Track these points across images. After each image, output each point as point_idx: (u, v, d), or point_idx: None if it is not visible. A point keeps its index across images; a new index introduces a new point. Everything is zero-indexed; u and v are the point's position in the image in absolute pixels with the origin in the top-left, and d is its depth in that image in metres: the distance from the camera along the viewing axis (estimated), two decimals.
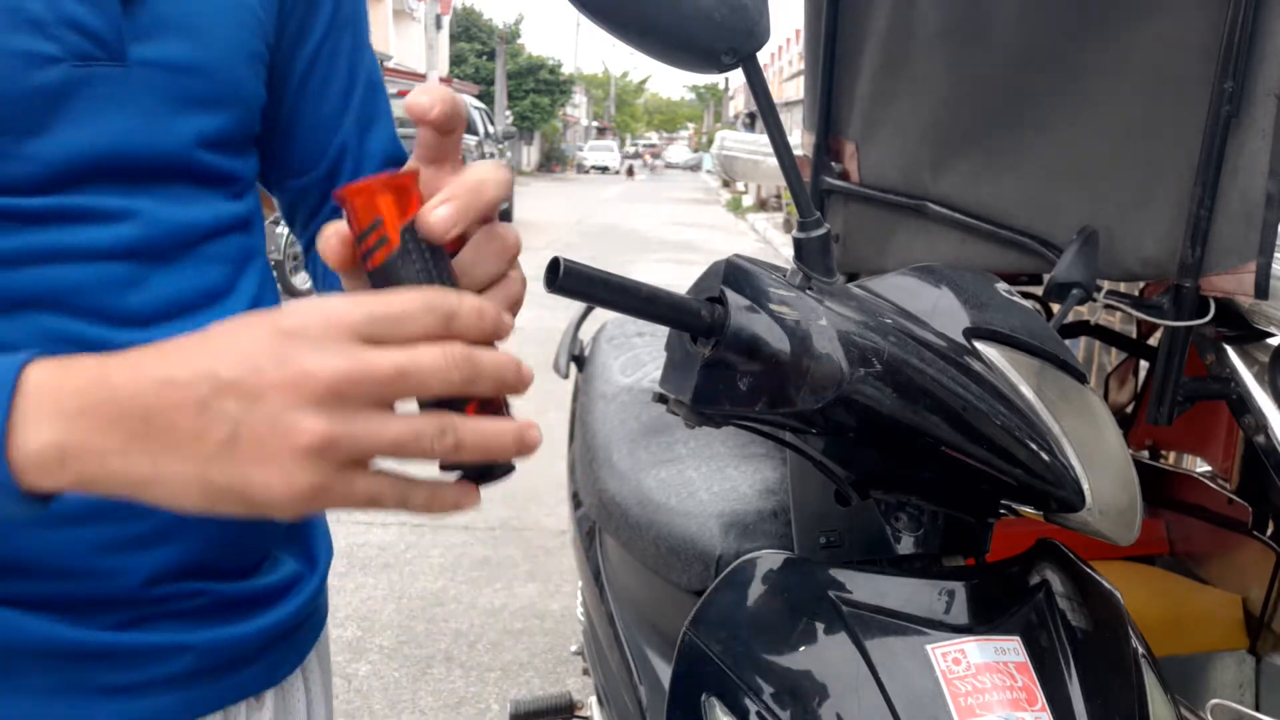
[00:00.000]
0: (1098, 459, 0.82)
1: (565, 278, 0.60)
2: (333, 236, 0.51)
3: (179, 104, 0.63)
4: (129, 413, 0.45)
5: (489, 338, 0.50)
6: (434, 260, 0.52)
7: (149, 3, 0.61)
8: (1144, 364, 1.86)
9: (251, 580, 0.71)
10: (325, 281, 0.85)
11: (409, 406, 0.50)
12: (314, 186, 0.82)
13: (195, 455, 0.45)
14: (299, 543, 0.78)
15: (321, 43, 0.77)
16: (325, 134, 0.80)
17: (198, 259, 0.66)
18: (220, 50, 0.65)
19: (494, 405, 0.52)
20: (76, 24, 0.58)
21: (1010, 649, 0.77)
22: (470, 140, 13.25)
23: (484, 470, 0.52)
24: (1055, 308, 1.65)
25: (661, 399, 0.81)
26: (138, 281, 0.62)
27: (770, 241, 14.20)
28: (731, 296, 0.73)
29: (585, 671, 2.01)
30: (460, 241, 0.55)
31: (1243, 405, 1.34)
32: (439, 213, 0.51)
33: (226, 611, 0.69)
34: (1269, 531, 1.54)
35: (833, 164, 1.66)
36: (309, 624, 0.78)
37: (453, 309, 0.48)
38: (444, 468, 0.52)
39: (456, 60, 34.05)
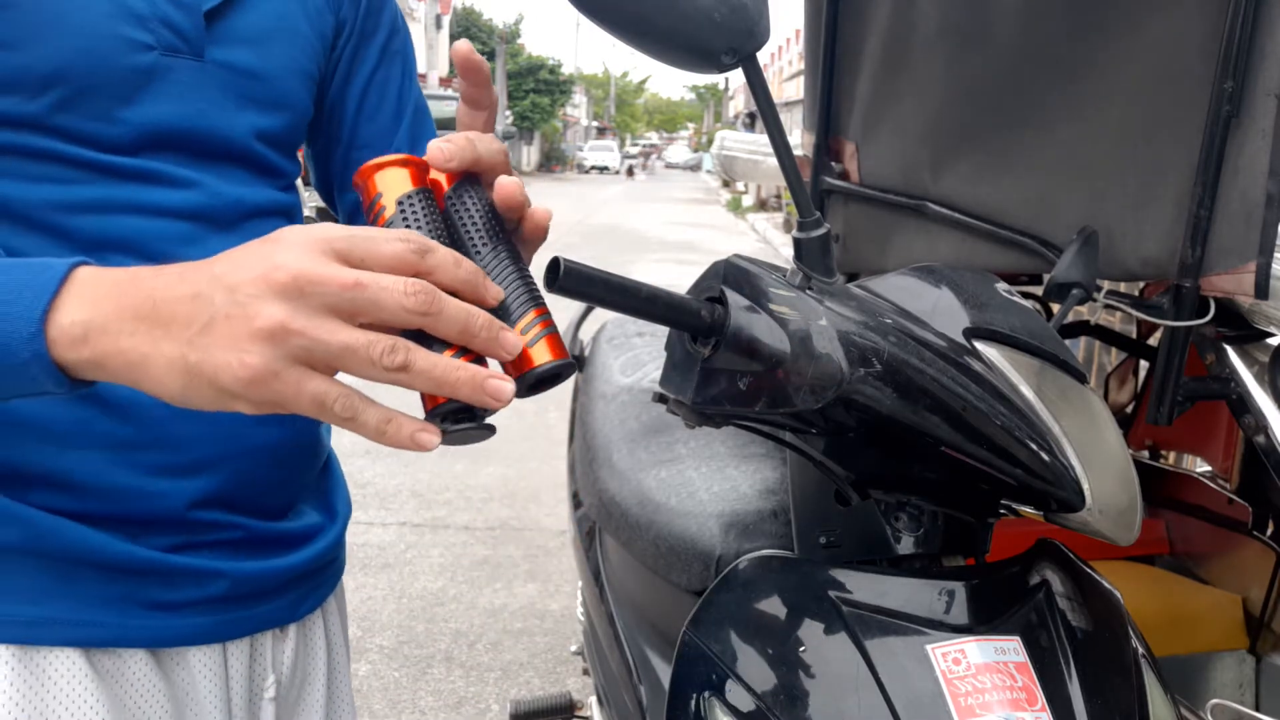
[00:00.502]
0: (1098, 459, 0.82)
1: (565, 278, 0.60)
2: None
3: (242, 100, 0.76)
4: (145, 299, 0.52)
5: (466, 287, 0.54)
6: (437, 235, 0.56)
7: (226, 16, 0.74)
8: (1144, 364, 1.86)
9: (279, 523, 0.81)
10: None
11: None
12: None
13: (182, 337, 0.51)
14: (321, 497, 0.88)
15: (375, 71, 0.90)
16: (379, 149, 0.90)
17: (248, 232, 0.73)
18: (279, 64, 0.78)
19: (476, 359, 0.54)
20: (168, 22, 0.71)
21: (1010, 649, 0.77)
22: None
23: (458, 412, 0.54)
24: (1055, 308, 1.65)
25: (661, 399, 0.81)
26: (197, 240, 0.72)
27: (770, 241, 14.20)
28: (731, 296, 0.73)
29: (585, 671, 2.01)
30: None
31: (1243, 405, 1.34)
32: (436, 144, 0.59)
33: (257, 547, 0.79)
34: (1269, 531, 1.54)
35: (833, 164, 1.66)
36: (329, 570, 0.88)
37: (429, 245, 0.53)
38: (427, 415, 0.55)
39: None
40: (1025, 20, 1.31)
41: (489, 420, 0.56)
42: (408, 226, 0.56)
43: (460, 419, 0.54)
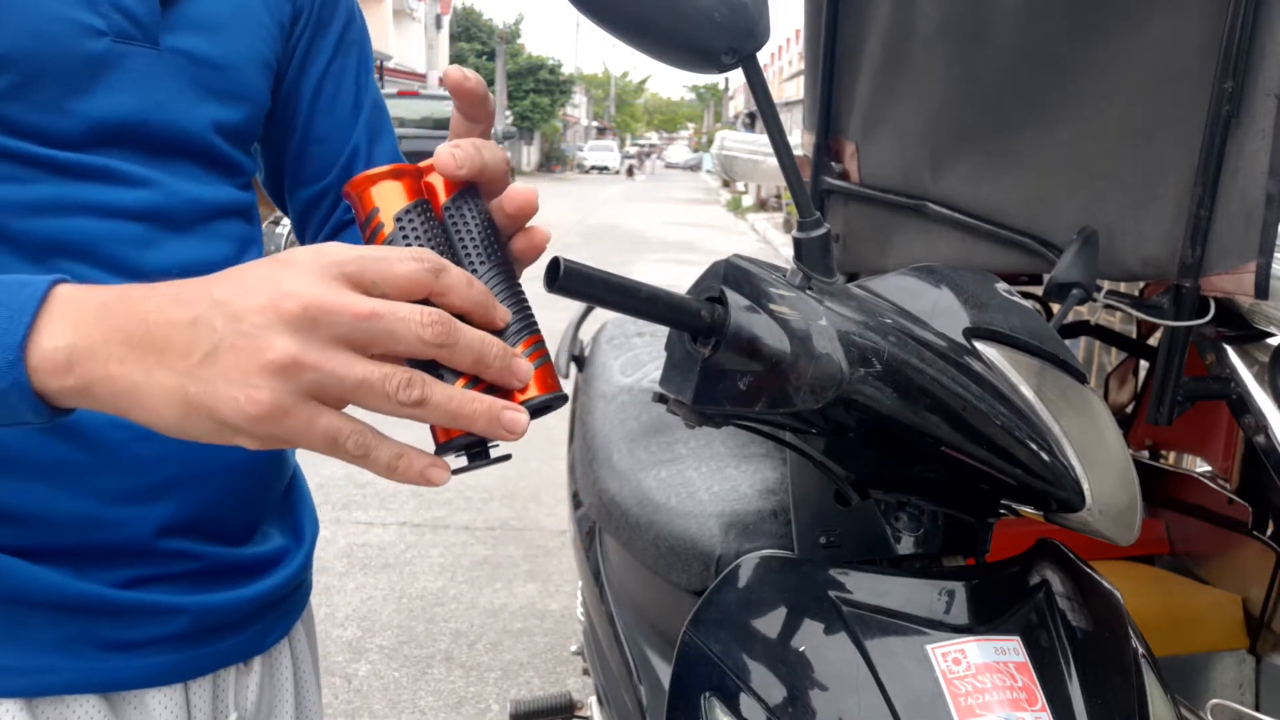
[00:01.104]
0: (1098, 459, 0.82)
1: (565, 278, 0.60)
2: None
3: (200, 91, 0.71)
4: (136, 323, 0.48)
5: (478, 309, 0.52)
6: (436, 248, 0.54)
7: (183, 1, 0.70)
8: (1144, 364, 1.86)
9: (243, 548, 0.76)
10: None
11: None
12: (328, 191, 0.88)
13: (180, 366, 0.48)
14: (286, 517, 0.83)
15: (331, 61, 0.85)
16: (338, 143, 0.87)
17: (206, 233, 0.72)
18: (237, 52, 0.73)
19: (485, 391, 0.52)
20: (121, 7, 0.66)
21: (1010, 649, 0.77)
22: None
23: (474, 452, 0.53)
24: (1055, 308, 1.65)
25: (661, 399, 0.81)
26: (153, 242, 0.68)
27: (770, 241, 14.20)
28: (731, 296, 0.73)
29: (585, 671, 2.01)
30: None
31: (1243, 405, 1.34)
32: (447, 151, 0.56)
33: (220, 578, 0.73)
34: (1269, 531, 1.54)
35: (833, 164, 1.66)
36: (295, 596, 0.82)
37: (442, 265, 0.50)
38: (438, 449, 0.53)
39: (456, 60, 34.02)
40: (1025, 20, 1.31)
41: (501, 449, 0.54)
42: (407, 243, 0.54)
43: (472, 451, 0.53)
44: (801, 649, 0.79)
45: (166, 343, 0.48)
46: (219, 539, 0.73)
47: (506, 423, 0.50)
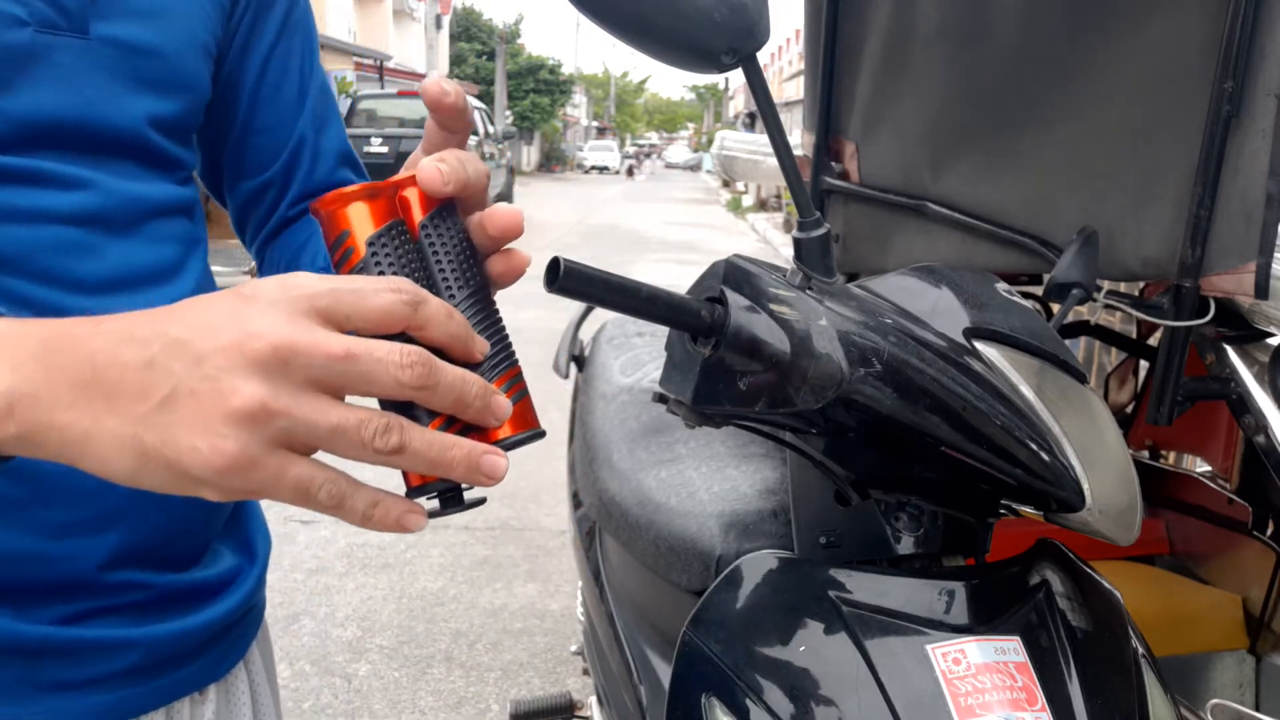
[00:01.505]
0: (1098, 459, 0.82)
1: (565, 278, 0.60)
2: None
3: (135, 83, 0.65)
4: (81, 363, 0.44)
5: (456, 342, 0.48)
6: (411, 273, 0.50)
7: None
8: (1144, 364, 1.86)
9: (193, 573, 0.71)
10: (279, 253, 0.86)
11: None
12: (271, 184, 0.83)
13: (134, 413, 0.43)
14: (237, 535, 0.78)
15: (275, 44, 0.79)
16: (282, 132, 0.81)
17: (149, 235, 0.67)
18: (175, 38, 0.67)
19: (460, 423, 0.49)
20: None
21: (1010, 649, 0.77)
22: (470, 140, 13.25)
23: (448, 497, 0.50)
24: (1055, 308, 1.65)
25: (661, 399, 0.81)
26: (92, 249, 0.63)
27: (770, 241, 14.20)
28: (731, 296, 0.73)
29: (585, 671, 2.01)
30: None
31: (1243, 405, 1.34)
32: (432, 166, 0.52)
33: (170, 606, 0.69)
34: (1269, 531, 1.54)
35: (833, 164, 1.66)
36: (250, 617, 0.78)
37: (420, 296, 0.47)
38: (410, 492, 0.50)
39: (456, 60, 34.04)
40: (1025, 20, 1.31)
41: (475, 493, 0.52)
42: (380, 270, 0.50)
43: (445, 496, 0.50)
44: (801, 649, 0.79)
45: (118, 386, 0.43)
46: (168, 565, 0.69)
47: (486, 468, 0.47)
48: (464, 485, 0.50)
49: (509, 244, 0.56)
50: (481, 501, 0.52)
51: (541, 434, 0.53)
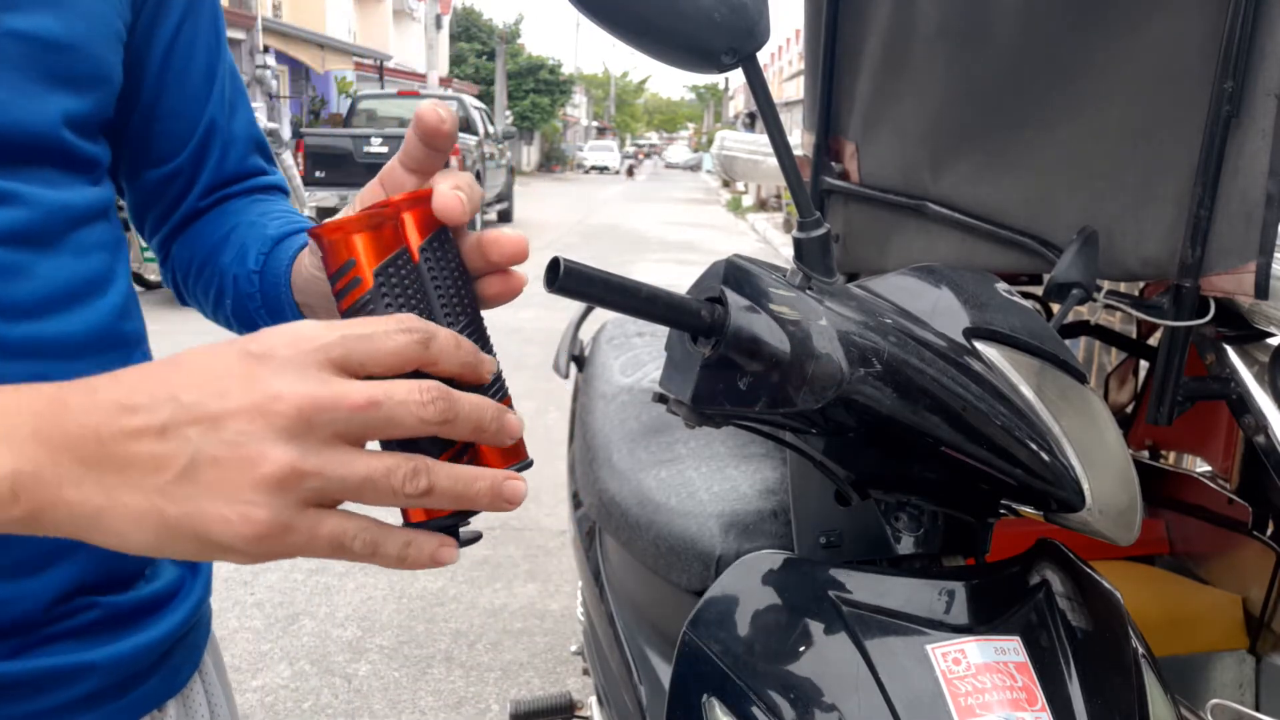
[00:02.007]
0: (1098, 459, 0.82)
1: (565, 278, 0.60)
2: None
3: (47, 80, 0.59)
4: (86, 439, 0.42)
5: (468, 370, 0.48)
6: (413, 300, 0.50)
7: None
8: (1144, 364, 1.86)
9: (137, 589, 0.68)
10: (191, 293, 0.81)
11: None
12: (179, 173, 0.77)
13: (152, 486, 0.42)
14: None
15: (181, 23, 0.73)
16: (190, 117, 0.76)
17: (75, 246, 0.62)
18: (86, 27, 0.61)
19: (469, 455, 0.49)
20: None
21: (1010, 649, 0.77)
22: (470, 140, 13.24)
23: (448, 528, 0.49)
24: (1055, 308, 1.65)
25: (661, 399, 0.81)
26: (19, 270, 0.58)
27: (770, 241, 14.21)
28: (731, 296, 0.73)
29: (585, 671, 2.01)
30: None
31: (1243, 405, 1.34)
32: (452, 194, 0.50)
33: (121, 624, 0.66)
34: (1269, 531, 1.54)
35: (833, 164, 1.66)
36: (200, 626, 0.76)
37: (429, 332, 0.46)
38: (408, 523, 0.49)
39: (456, 60, 34.05)
40: (1025, 20, 1.31)
41: (471, 527, 0.52)
42: (387, 303, 0.49)
43: (451, 528, 0.49)
44: (801, 649, 0.79)
45: (129, 459, 0.41)
46: (109, 589, 0.65)
47: (508, 494, 0.47)
48: (464, 522, 0.50)
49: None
50: (477, 537, 0.52)
51: (530, 463, 0.53)
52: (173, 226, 0.80)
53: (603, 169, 46.36)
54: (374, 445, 0.46)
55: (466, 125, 14.08)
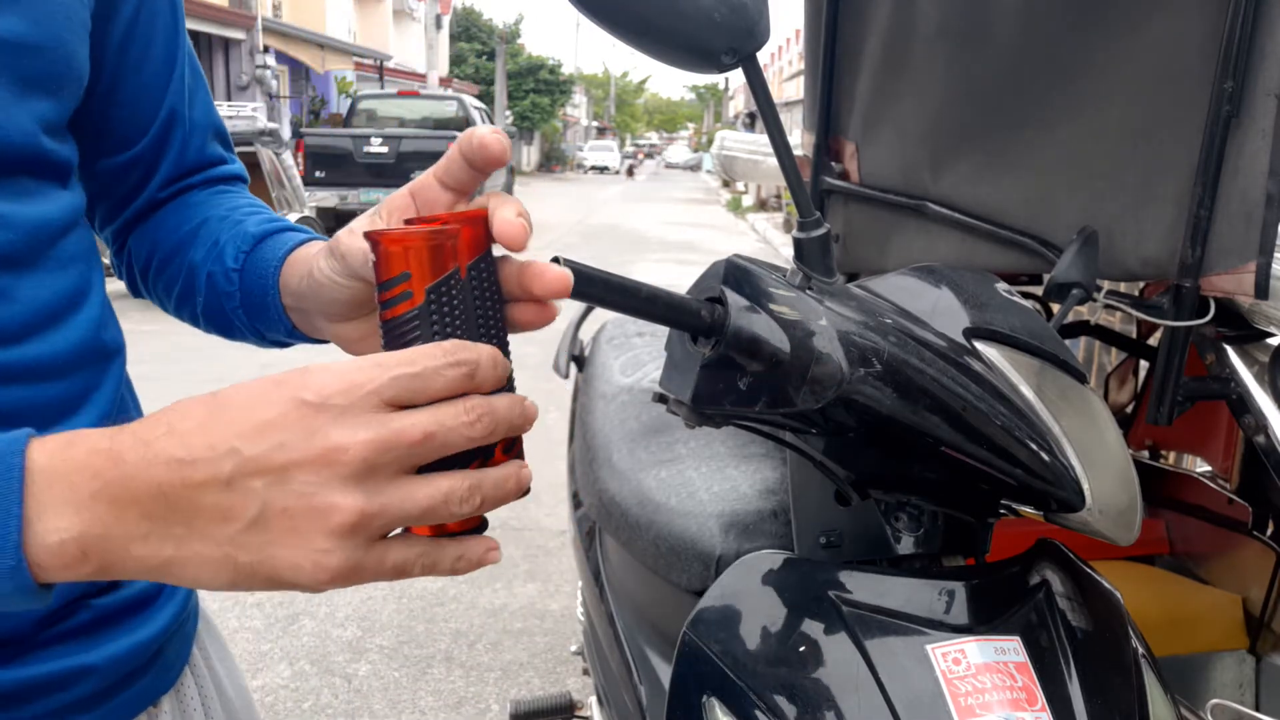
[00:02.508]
0: (1098, 459, 0.82)
1: None
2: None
3: (20, 85, 0.56)
4: (148, 495, 0.42)
5: (502, 384, 0.49)
6: (456, 320, 0.51)
7: None
8: (1144, 364, 1.86)
9: (125, 588, 0.67)
10: (150, 288, 0.78)
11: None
12: (138, 162, 0.74)
13: (222, 536, 0.43)
14: None
15: (139, 8, 0.70)
16: (150, 103, 0.73)
17: (53, 262, 0.60)
18: (54, 24, 0.58)
19: (487, 454, 0.51)
20: None
21: (1010, 649, 0.77)
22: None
23: (478, 529, 0.51)
24: (1055, 308, 1.65)
25: (661, 399, 0.81)
26: (6, 293, 0.56)
27: (770, 241, 14.21)
28: (731, 296, 0.73)
29: (585, 671, 2.01)
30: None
31: (1243, 405, 1.34)
32: (517, 222, 0.50)
33: (112, 622, 0.65)
34: (1269, 531, 1.54)
35: (833, 164, 1.66)
36: (189, 622, 0.76)
37: (474, 361, 0.47)
38: (445, 533, 0.51)
39: (456, 60, 34.05)
40: (1025, 20, 1.31)
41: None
42: (435, 321, 0.50)
43: (480, 529, 0.52)
44: (801, 649, 0.79)
45: (195, 511, 0.42)
46: (100, 592, 0.65)
47: (527, 482, 0.49)
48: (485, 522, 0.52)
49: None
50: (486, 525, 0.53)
51: (526, 491, 0.54)
52: (129, 218, 0.77)
53: (603, 169, 46.36)
54: None
55: (466, 125, 14.07)
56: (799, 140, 1.77)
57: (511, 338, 0.55)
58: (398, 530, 0.47)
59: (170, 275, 0.76)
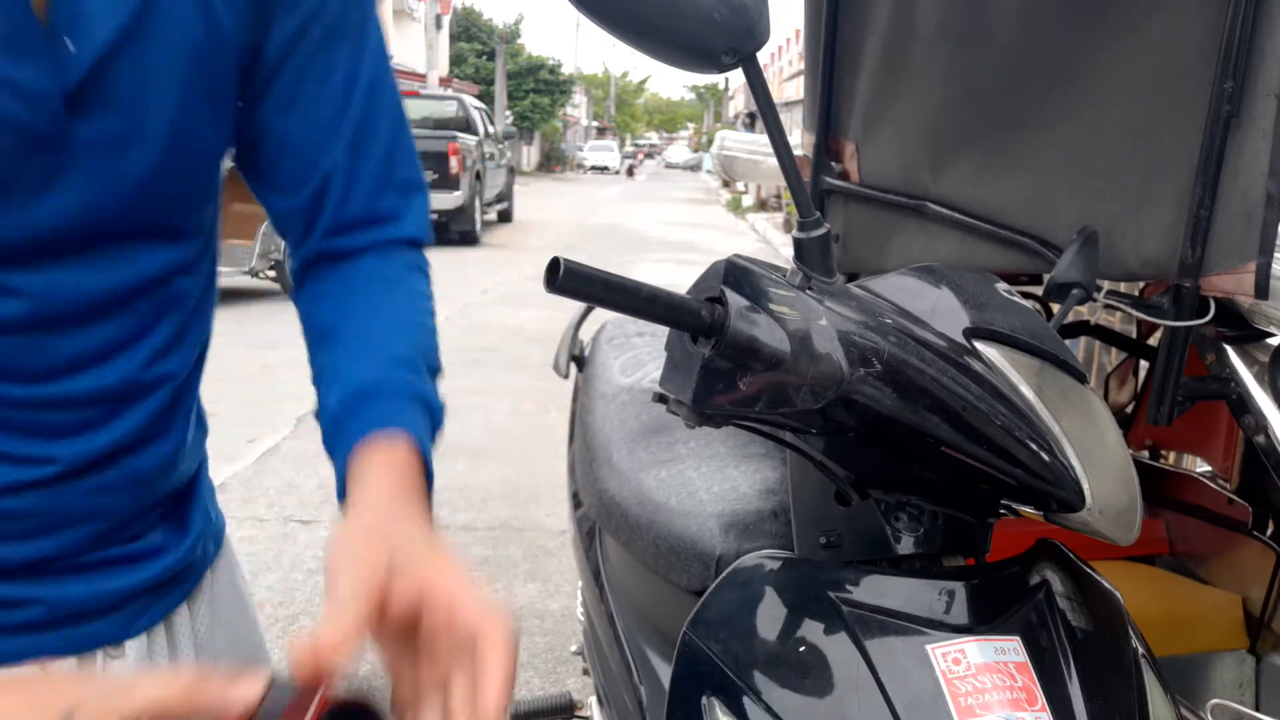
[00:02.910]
0: (1098, 459, 0.82)
1: (565, 278, 0.60)
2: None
3: (122, 179, 0.62)
4: None
5: None
6: None
7: (93, 89, 0.59)
8: (1144, 364, 1.86)
9: (112, 548, 0.70)
10: (308, 314, 0.79)
11: None
12: (299, 211, 0.76)
13: None
14: (170, 518, 0.76)
15: (312, 57, 0.71)
16: (312, 156, 0.73)
17: (113, 315, 0.65)
18: (167, 114, 0.63)
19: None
20: (13, 123, 0.57)
21: (1010, 649, 0.77)
22: (470, 140, 13.22)
23: None
24: (1055, 308, 1.65)
25: (661, 399, 0.81)
26: (37, 348, 0.62)
27: (770, 241, 14.21)
28: (731, 296, 0.73)
29: (585, 671, 2.01)
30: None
31: (1243, 405, 1.34)
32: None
33: (82, 571, 0.69)
34: (1269, 531, 1.54)
35: (833, 164, 1.66)
36: (173, 582, 0.76)
37: None
38: None
39: (456, 60, 34.05)
40: (1025, 20, 1.31)
41: None
42: None
43: None
44: (801, 649, 0.80)
45: None
46: (83, 549, 0.69)
47: None
48: None
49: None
50: None
51: None
52: (303, 261, 0.78)
53: (603, 169, 46.35)
54: None
55: (466, 125, 14.06)
56: (799, 140, 1.77)
57: (512, 337, 0.54)
58: None
59: (310, 353, 0.76)
